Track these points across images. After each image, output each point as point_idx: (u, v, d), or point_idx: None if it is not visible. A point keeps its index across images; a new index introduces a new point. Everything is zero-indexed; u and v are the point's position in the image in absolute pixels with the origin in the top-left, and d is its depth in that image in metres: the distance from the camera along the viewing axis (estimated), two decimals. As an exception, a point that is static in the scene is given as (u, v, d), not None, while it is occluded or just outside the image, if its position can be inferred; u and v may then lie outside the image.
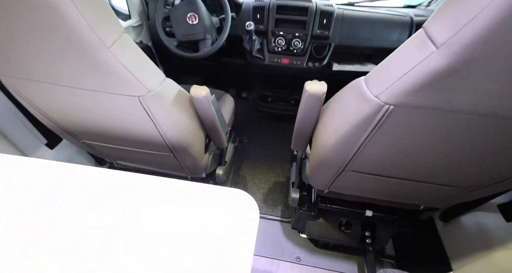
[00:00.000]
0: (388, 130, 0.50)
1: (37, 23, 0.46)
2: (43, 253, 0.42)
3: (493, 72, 0.36)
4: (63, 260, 0.41)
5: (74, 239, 0.44)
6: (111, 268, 0.40)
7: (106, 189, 0.51)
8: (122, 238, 0.45)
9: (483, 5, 0.31)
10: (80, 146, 0.93)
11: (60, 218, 0.46)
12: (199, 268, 0.41)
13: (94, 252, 0.42)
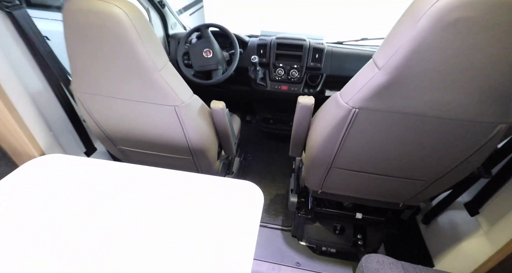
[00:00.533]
0: (358, 129, 0.69)
1: (112, 51, 0.69)
2: (112, 228, 0.60)
3: (413, 85, 0.56)
4: (122, 236, 0.59)
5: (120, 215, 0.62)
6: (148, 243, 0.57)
7: (143, 181, 0.71)
8: (157, 217, 0.63)
9: (399, 45, 0.53)
10: (114, 152, 1.11)
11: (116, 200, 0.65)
12: (214, 234, 0.58)
13: (139, 233, 0.60)
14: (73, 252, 0.56)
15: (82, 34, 0.67)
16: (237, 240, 0.58)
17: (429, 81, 0.55)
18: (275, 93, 1.69)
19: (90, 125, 0.96)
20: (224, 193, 0.70)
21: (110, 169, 0.77)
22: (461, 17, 0.47)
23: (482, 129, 0.62)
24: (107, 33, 0.65)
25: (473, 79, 0.54)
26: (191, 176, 0.74)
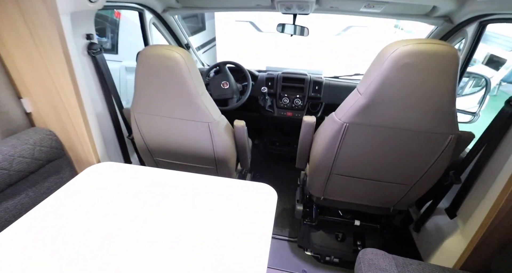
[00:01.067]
0: (349, 139, 0.92)
1: (170, 81, 0.95)
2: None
3: (385, 105, 0.80)
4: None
5: None
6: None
7: (178, 183, 0.92)
8: (194, 210, 0.83)
9: (372, 78, 0.78)
10: (149, 164, 1.32)
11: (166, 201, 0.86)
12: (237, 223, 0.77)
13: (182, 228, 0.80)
14: (132, 238, 0.75)
15: (150, 70, 0.95)
16: (256, 229, 0.76)
17: (395, 103, 0.80)
18: (281, 118, 1.95)
19: (137, 139, 1.20)
20: (244, 192, 0.90)
21: (152, 174, 0.99)
22: (408, 62, 0.72)
23: (438, 139, 0.84)
24: (168, 70, 0.92)
25: (425, 102, 0.78)
26: (217, 179, 0.95)
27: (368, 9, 1.47)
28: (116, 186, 0.92)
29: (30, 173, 0.99)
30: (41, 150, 1.02)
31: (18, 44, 0.89)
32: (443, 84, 0.74)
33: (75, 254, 0.67)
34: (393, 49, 0.75)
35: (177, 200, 0.86)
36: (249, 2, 1.53)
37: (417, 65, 0.73)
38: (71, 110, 1.01)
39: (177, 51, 0.92)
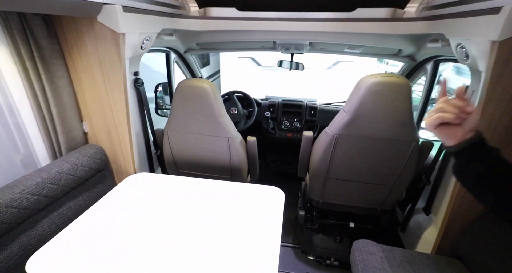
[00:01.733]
0: (339, 147, 1.20)
1: (200, 105, 1.25)
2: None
3: (363, 120, 1.10)
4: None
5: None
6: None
7: (201, 188, 1.17)
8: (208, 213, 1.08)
9: (353, 101, 1.09)
10: (174, 175, 1.56)
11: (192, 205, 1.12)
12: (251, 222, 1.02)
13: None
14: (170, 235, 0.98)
15: (185, 97, 1.25)
16: (268, 221, 1.00)
17: (370, 118, 1.09)
18: (282, 139, 2.24)
19: (166, 154, 1.46)
20: (256, 193, 1.15)
21: (179, 181, 1.23)
22: (376, 89, 1.04)
23: (404, 145, 1.13)
24: (199, 96, 1.23)
25: (391, 117, 1.08)
26: (233, 183, 1.20)
27: (350, 50, 1.86)
28: (152, 191, 1.16)
29: (86, 180, 1.23)
30: (94, 162, 1.27)
31: (90, 80, 1.20)
32: (401, 104, 1.05)
33: (120, 249, 0.84)
34: (366, 80, 1.07)
35: (199, 202, 1.10)
36: (255, 45, 1.92)
37: (383, 91, 1.04)
38: (121, 129, 1.29)
39: (206, 82, 1.23)
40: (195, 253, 0.83)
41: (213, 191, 1.16)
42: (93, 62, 1.15)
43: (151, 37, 1.28)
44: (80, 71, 1.19)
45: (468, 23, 0.94)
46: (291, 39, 1.69)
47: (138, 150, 1.46)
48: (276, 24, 1.43)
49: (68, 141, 1.23)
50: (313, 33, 1.52)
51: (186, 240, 0.88)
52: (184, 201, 1.09)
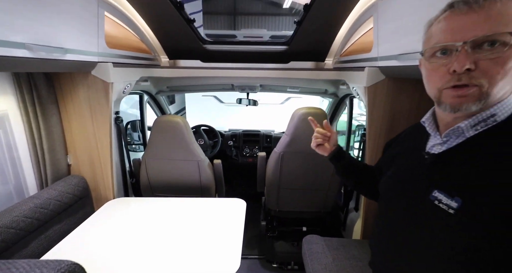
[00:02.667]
0: (285, 162, 1.57)
1: (174, 137, 1.56)
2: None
3: (298, 140, 1.51)
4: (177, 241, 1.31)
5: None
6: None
7: (174, 207, 1.45)
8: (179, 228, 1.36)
9: (291, 126, 1.51)
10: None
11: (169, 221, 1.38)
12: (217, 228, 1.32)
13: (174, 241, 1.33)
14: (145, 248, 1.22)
15: (161, 129, 1.55)
16: (231, 228, 1.29)
17: (303, 138, 1.51)
18: (244, 164, 2.59)
19: (143, 179, 1.68)
20: (222, 205, 1.44)
21: (154, 202, 1.46)
22: (304, 118, 1.48)
23: (329, 157, 1.55)
24: (174, 129, 1.55)
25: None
26: (201, 199, 1.47)
27: (292, 89, 2.38)
28: (131, 212, 1.38)
29: (70, 206, 1.39)
30: (78, 189, 1.44)
31: (79, 119, 1.44)
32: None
33: (102, 267, 0.98)
34: (298, 111, 1.51)
35: (174, 218, 1.35)
36: (217, 87, 2.34)
37: (305, 119, 1.48)
38: (104, 160, 1.51)
39: (178, 118, 1.56)
40: (169, 266, 0.98)
41: (185, 207, 1.41)
42: (83, 105, 1.42)
43: (132, 84, 1.61)
44: (70, 112, 1.44)
45: (354, 75, 1.46)
46: (245, 82, 2.14)
47: (117, 178, 1.66)
48: (233, 72, 1.87)
49: (54, 172, 1.41)
50: (261, 78, 1.99)
51: (160, 254, 1.04)
52: (160, 219, 1.30)
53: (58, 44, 1.02)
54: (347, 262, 1.26)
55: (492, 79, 0.50)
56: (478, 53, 0.50)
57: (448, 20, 0.54)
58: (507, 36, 0.48)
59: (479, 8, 0.50)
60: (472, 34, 0.50)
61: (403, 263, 0.68)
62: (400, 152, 0.81)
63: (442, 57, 0.55)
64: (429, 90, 0.62)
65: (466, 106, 0.54)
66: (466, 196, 0.54)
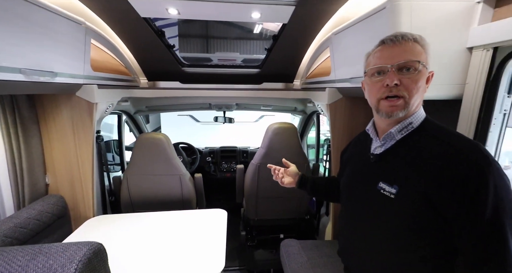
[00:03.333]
0: (262, 173, 1.72)
1: (157, 153, 1.64)
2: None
3: (271, 152, 1.68)
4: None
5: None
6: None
7: (156, 220, 1.53)
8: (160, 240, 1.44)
9: (265, 140, 1.68)
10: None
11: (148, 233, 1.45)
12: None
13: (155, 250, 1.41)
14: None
15: (144, 146, 1.63)
16: (214, 236, 1.39)
17: (276, 150, 1.68)
18: (222, 179, 2.68)
19: (124, 196, 1.71)
20: (203, 216, 1.52)
21: (136, 217, 1.51)
22: (277, 132, 1.66)
23: (300, 166, 1.73)
24: (156, 145, 1.63)
25: (288, 148, 1.69)
26: (183, 212, 1.55)
27: (265, 108, 2.58)
28: (114, 228, 1.41)
29: (49, 225, 1.38)
30: (57, 209, 1.44)
31: (60, 139, 1.47)
32: (292, 139, 1.68)
33: None
34: (271, 126, 1.69)
35: (157, 231, 1.41)
36: (195, 106, 2.47)
37: (281, 133, 1.67)
38: (85, 178, 1.53)
39: (161, 134, 1.66)
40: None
41: (167, 221, 1.47)
42: (66, 124, 1.46)
43: (114, 104, 1.69)
44: (52, 132, 1.47)
45: (318, 94, 1.70)
46: (222, 101, 2.31)
47: (97, 196, 1.67)
48: (211, 92, 2.03)
49: (32, 192, 1.40)
50: (237, 98, 2.17)
51: (148, 266, 1.09)
52: (143, 233, 1.35)
53: (50, 68, 1.11)
54: (320, 260, 1.40)
55: (411, 92, 0.71)
56: (401, 74, 0.71)
57: (381, 51, 0.76)
58: (416, 63, 0.70)
59: (400, 44, 0.72)
60: (397, 60, 0.71)
61: (361, 242, 0.84)
62: (353, 156, 1.00)
63: (378, 76, 0.76)
64: (370, 101, 0.81)
65: (396, 113, 0.74)
66: (400, 184, 0.73)
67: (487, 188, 0.60)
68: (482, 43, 0.83)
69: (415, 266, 0.72)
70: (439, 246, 0.69)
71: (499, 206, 0.60)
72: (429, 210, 0.67)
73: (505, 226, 0.60)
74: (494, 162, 0.62)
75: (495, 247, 0.60)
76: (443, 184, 0.65)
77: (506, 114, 0.87)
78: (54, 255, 0.44)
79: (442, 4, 0.86)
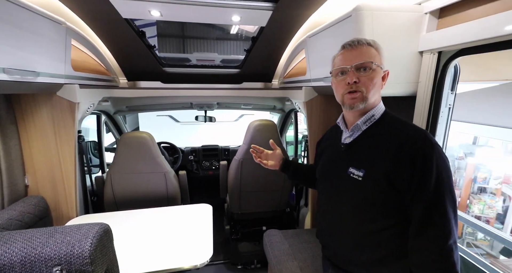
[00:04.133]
0: (244, 168, 1.81)
1: (140, 151, 1.66)
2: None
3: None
4: None
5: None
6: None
7: (140, 217, 1.57)
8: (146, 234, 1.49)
9: (247, 136, 1.77)
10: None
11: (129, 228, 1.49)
12: None
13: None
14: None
15: (128, 145, 1.64)
16: (201, 227, 1.46)
17: (257, 145, 1.78)
18: (205, 177, 2.73)
19: (107, 195, 1.71)
20: (189, 210, 1.58)
21: (121, 215, 1.54)
22: (258, 128, 1.76)
23: (281, 160, 1.84)
24: (140, 143, 1.66)
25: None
26: (169, 208, 1.60)
27: (245, 106, 2.67)
28: None
29: (30, 226, 1.36)
30: (39, 210, 1.42)
31: (40, 139, 1.45)
32: (272, 135, 1.79)
33: None
34: (253, 123, 1.78)
35: (144, 228, 1.45)
36: (176, 105, 2.50)
37: (261, 129, 1.76)
38: (67, 178, 1.52)
39: (145, 133, 1.69)
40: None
41: (153, 217, 1.51)
42: (47, 124, 1.45)
43: (95, 103, 1.69)
44: (31, 132, 1.45)
45: (295, 93, 1.82)
46: (203, 101, 2.36)
47: (79, 196, 1.66)
48: (192, 91, 2.08)
49: (12, 193, 1.38)
50: (218, 97, 2.24)
51: (136, 261, 1.14)
52: (129, 230, 1.39)
53: (32, 68, 1.11)
54: (300, 246, 1.51)
55: (367, 88, 0.84)
56: (359, 73, 0.84)
57: (342, 54, 0.89)
58: (370, 63, 0.83)
59: (356, 48, 0.85)
60: (354, 61, 0.84)
61: (335, 220, 0.97)
62: (327, 147, 1.12)
63: (341, 76, 0.89)
64: (337, 97, 0.93)
65: (356, 105, 0.86)
66: (366, 168, 0.86)
67: (431, 166, 0.74)
68: (430, 47, 0.98)
69: (376, 235, 0.85)
70: (396, 217, 0.82)
71: (440, 181, 0.74)
72: (389, 187, 0.80)
73: (445, 198, 0.74)
74: (437, 145, 0.77)
75: (436, 215, 0.74)
76: (399, 164, 0.78)
77: (451, 108, 1.04)
78: (70, 233, 0.49)
79: (398, 14, 1.01)
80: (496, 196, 3.58)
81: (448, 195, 0.75)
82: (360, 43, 0.85)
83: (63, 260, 0.44)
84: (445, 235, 0.73)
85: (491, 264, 2.08)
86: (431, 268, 0.75)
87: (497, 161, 3.61)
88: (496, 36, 0.77)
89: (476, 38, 0.83)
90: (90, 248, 0.48)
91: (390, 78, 1.03)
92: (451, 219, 0.74)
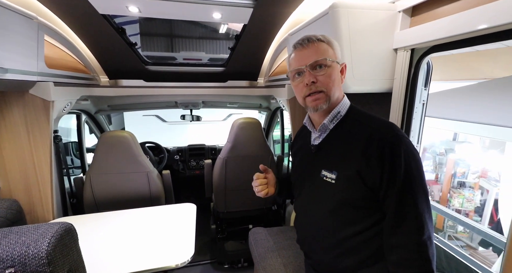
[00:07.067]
0: (229, 166, 1.80)
1: (121, 151, 1.63)
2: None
3: (238, 146, 1.77)
4: None
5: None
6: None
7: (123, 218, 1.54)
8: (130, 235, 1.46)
9: (231, 134, 1.76)
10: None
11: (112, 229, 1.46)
12: None
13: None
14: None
15: (108, 144, 1.60)
16: (184, 227, 1.44)
17: (242, 143, 1.77)
18: (191, 176, 2.70)
19: (87, 197, 1.66)
20: (172, 210, 1.56)
21: (102, 216, 1.50)
22: (242, 126, 1.76)
23: (265, 158, 1.84)
24: (122, 143, 1.62)
25: (253, 141, 1.79)
26: (152, 208, 1.57)
27: (231, 105, 2.66)
28: (79, 230, 1.39)
29: (3, 230, 1.31)
30: (11, 213, 1.37)
31: (12, 140, 1.39)
32: (256, 133, 1.79)
33: None
34: (237, 121, 1.77)
35: (126, 227, 1.42)
36: (160, 104, 2.46)
37: (245, 127, 1.76)
38: (42, 180, 1.46)
39: (126, 132, 1.65)
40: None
41: (136, 218, 1.48)
42: (19, 124, 1.39)
43: (72, 102, 1.64)
44: (1, 132, 1.38)
45: (279, 91, 1.83)
46: (188, 99, 2.33)
47: (56, 199, 1.60)
48: (176, 90, 2.05)
49: (-18, 196, 1.32)
50: (203, 95, 2.22)
51: (119, 261, 1.11)
52: (111, 232, 1.35)
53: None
54: (285, 242, 1.52)
55: (328, 86, 0.80)
56: (316, 72, 0.79)
57: (295, 55, 0.83)
58: (324, 60, 0.78)
59: (307, 46, 0.80)
60: (308, 61, 0.79)
61: (312, 225, 0.93)
62: (299, 148, 1.08)
63: (299, 77, 0.83)
64: (299, 100, 0.87)
65: (320, 106, 0.81)
66: (338, 169, 0.82)
67: (400, 159, 0.72)
68: (403, 45, 1.00)
69: (359, 236, 0.82)
70: (375, 215, 0.80)
71: (409, 173, 0.73)
72: (361, 186, 0.78)
73: (415, 191, 0.72)
74: (405, 138, 0.76)
75: (407, 209, 0.73)
76: (368, 161, 0.75)
77: (424, 104, 1.06)
78: (26, 233, 0.47)
79: (373, 12, 1.02)
80: (474, 190, 3.70)
81: (419, 188, 0.73)
82: (310, 40, 0.81)
83: (17, 261, 0.42)
84: (417, 229, 0.72)
85: (470, 255, 2.15)
86: (406, 265, 0.73)
87: (475, 156, 3.74)
88: (466, 33, 0.79)
89: (447, 35, 0.85)
90: (47, 248, 0.45)
91: (367, 75, 1.05)
92: (423, 212, 0.72)
